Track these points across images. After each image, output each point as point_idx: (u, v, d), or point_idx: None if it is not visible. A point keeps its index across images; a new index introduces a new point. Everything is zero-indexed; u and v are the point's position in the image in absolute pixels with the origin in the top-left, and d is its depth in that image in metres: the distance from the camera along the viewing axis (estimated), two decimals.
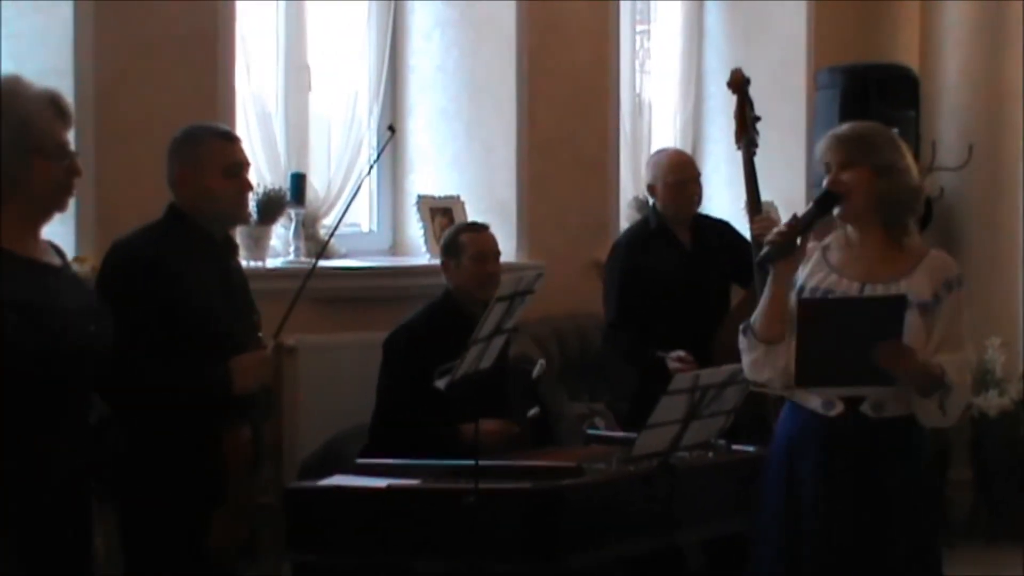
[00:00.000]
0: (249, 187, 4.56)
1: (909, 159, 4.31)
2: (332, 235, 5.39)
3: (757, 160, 6.24)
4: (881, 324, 4.07)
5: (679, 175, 6.23)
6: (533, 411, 5.52)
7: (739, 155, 6.36)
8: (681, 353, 5.90)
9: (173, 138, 4.52)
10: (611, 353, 6.38)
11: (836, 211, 4.28)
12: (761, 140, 6.26)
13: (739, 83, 6.31)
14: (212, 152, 4.45)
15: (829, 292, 4.23)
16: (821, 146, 4.33)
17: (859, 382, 4.17)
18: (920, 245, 4.33)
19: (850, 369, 4.13)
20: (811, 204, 4.31)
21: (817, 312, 4.17)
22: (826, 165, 4.30)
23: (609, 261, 6.40)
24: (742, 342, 4.30)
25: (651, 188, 6.33)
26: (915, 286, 4.19)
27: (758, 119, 6.26)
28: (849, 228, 4.31)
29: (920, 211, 4.35)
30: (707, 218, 6.52)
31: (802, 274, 4.29)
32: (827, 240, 4.35)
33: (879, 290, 4.18)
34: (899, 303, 4.10)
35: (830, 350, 4.11)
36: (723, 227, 6.52)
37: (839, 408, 4.22)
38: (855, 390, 4.20)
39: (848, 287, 4.22)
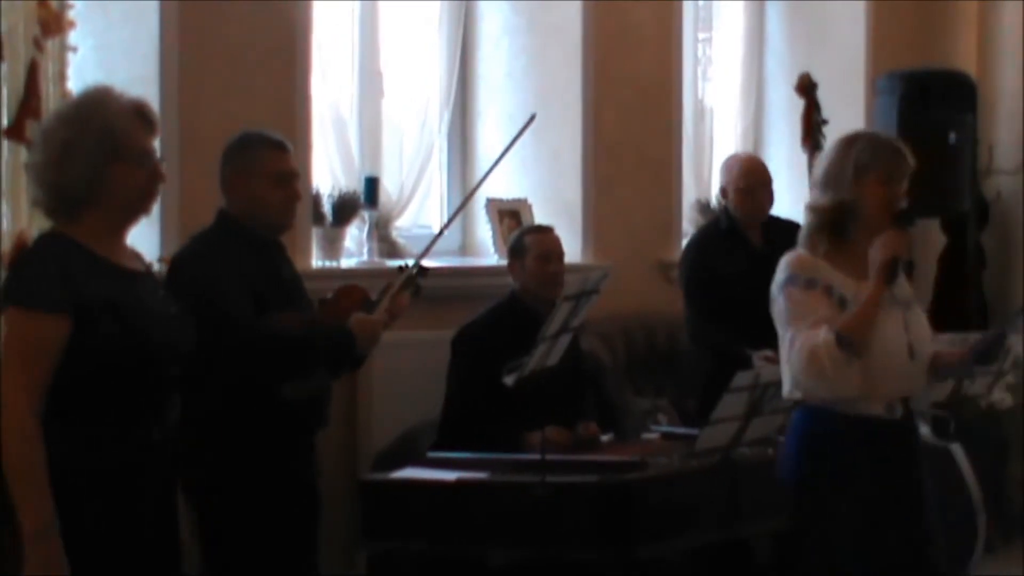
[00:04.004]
0: (298, 196, 4.57)
1: None
2: (447, 221, 5.30)
3: None
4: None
5: (749, 180, 6.23)
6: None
7: (800, 159, 6.42)
8: (770, 353, 5.74)
9: (227, 143, 4.57)
10: (700, 349, 6.31)
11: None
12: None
13: (806, 87, 6.40)
14: (263, 160, 4.48)
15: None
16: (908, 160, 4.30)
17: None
18: None
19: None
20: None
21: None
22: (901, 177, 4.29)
23: (681, 262, 6.43)
24: (837, 356, 4.03)
25: (723, 191, 6.36)
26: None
27: (825, 123, 6.32)
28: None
29: None
30: (779, 219, 6.45)
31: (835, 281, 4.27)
32: None
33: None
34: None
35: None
36: (795, 228, 6.46)
37: (901, 410, 4.22)
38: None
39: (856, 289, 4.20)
